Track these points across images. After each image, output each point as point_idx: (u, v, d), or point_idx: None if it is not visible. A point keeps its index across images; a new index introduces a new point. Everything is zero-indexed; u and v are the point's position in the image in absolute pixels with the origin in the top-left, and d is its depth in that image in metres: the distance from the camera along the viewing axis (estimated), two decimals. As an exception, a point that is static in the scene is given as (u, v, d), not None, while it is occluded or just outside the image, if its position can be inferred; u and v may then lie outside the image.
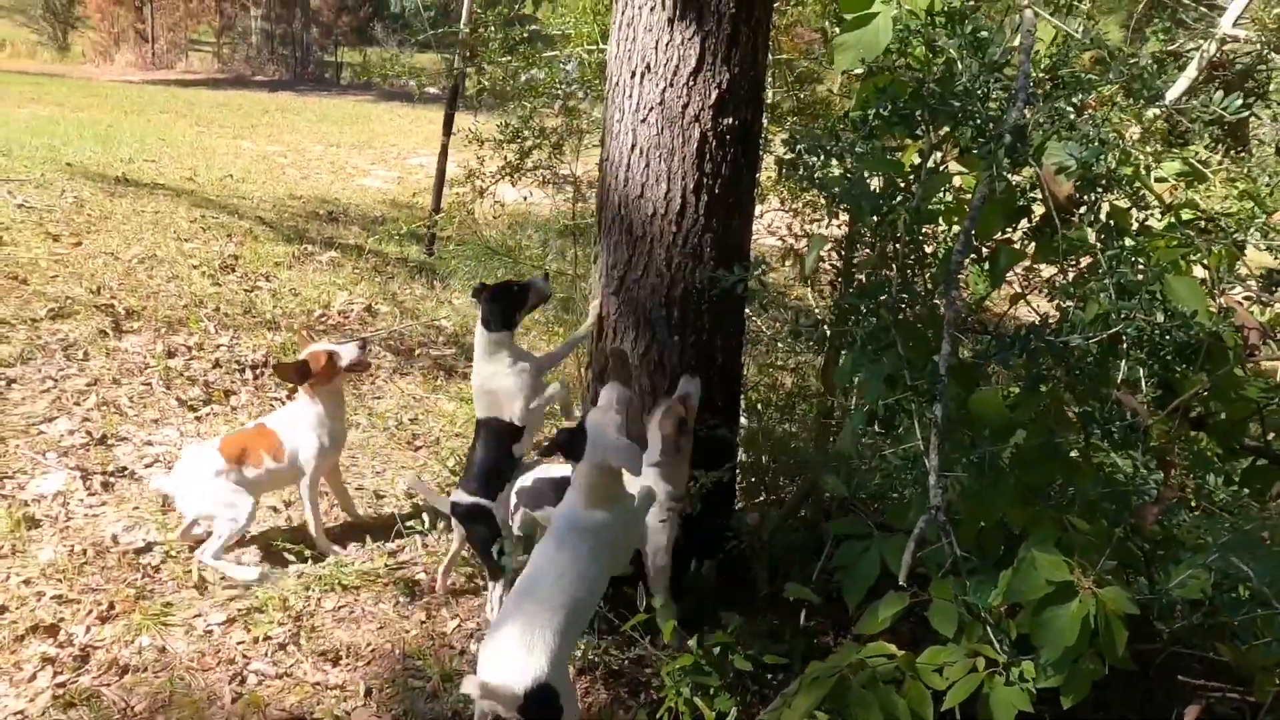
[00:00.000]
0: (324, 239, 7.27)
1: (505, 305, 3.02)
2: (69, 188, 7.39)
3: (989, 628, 2.15)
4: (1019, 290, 2.76)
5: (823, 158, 2.17)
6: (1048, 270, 2.54)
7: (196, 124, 13.60)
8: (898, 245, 2.21)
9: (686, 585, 2.49)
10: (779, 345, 3.97)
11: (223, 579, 3.28)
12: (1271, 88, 3.75)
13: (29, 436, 4.04)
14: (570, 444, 2.38)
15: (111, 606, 3.08)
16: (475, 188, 4.74)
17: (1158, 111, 2.89)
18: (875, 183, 2.38)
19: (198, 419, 4.41)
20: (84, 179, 7.83)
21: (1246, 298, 2.32)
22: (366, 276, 6.59)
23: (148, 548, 3.41)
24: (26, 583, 3.16)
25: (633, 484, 2.55)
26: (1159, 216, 2.64)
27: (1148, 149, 2.83)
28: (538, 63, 4.31)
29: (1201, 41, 3.20)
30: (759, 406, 3.47)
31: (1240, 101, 2.24)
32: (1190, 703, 2.07)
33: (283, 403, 4.66)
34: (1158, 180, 2.77)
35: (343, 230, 7.82)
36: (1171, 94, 3.19)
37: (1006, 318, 3.10)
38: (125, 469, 3.92)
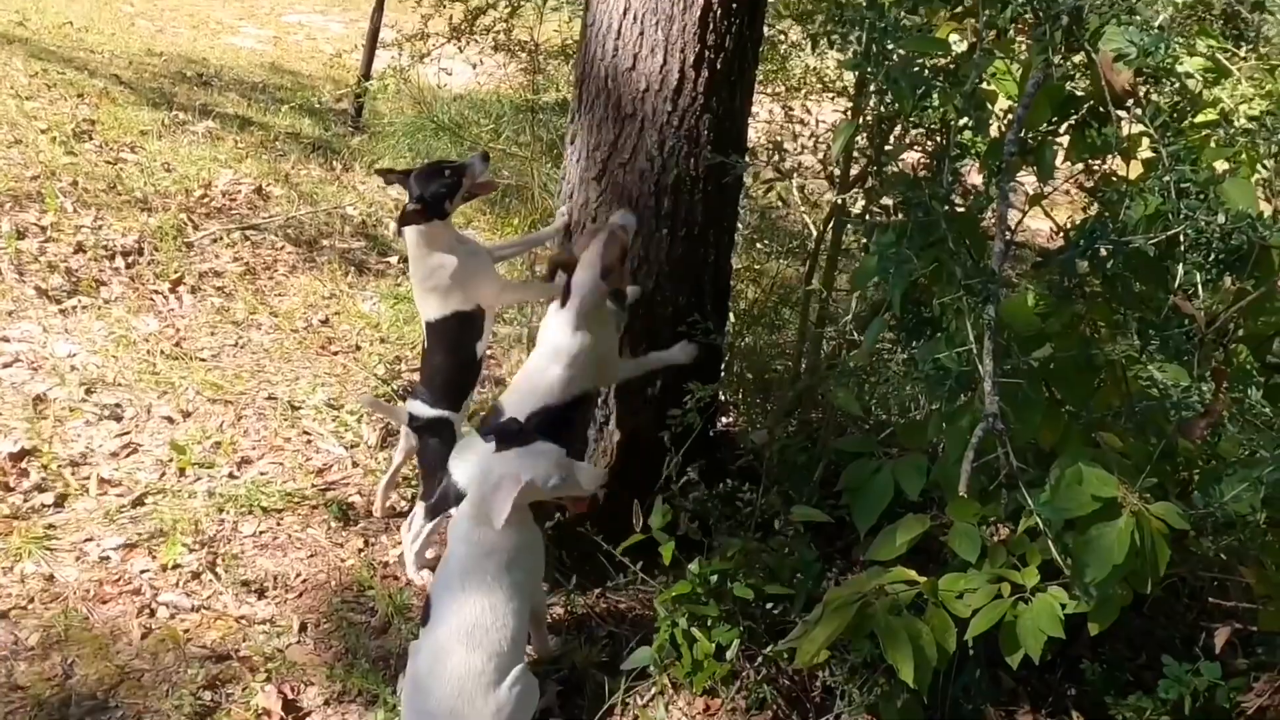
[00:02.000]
0: (196, 106, 6.85)
1: (433, 190, 2.84)
2: None
3: (1015, 553, 2.25)
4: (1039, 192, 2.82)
5: (862, 33, 2.14)
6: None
7: (14, -44, 12.48)
8: (942, 134, 2.22)
9: (686, 508, 2.52)
10: (758, 245, 3.97)
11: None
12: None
13: None
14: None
15: (-16, 528, 2.94)
16: (415, 50, 4.50)
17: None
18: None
19: (62, 312, 4.16)
20: (-116, 16, 7.14)
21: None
22: (252, 153, 6.25)
23: (20, 456, 3.23)
24: (-128, 500, 2.98)
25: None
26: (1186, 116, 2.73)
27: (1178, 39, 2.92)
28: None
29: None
30: (743, 312, 3.49)
31: None
32: (1206, 627, 2.24)
33: (164, 297, 4.45)
34: (1185, 77, 2.86)
35: (218, 97, 7.37)
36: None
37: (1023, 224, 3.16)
38: (-21, 369, 3.69)
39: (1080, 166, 2.55)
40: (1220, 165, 2.37)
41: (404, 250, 5.26)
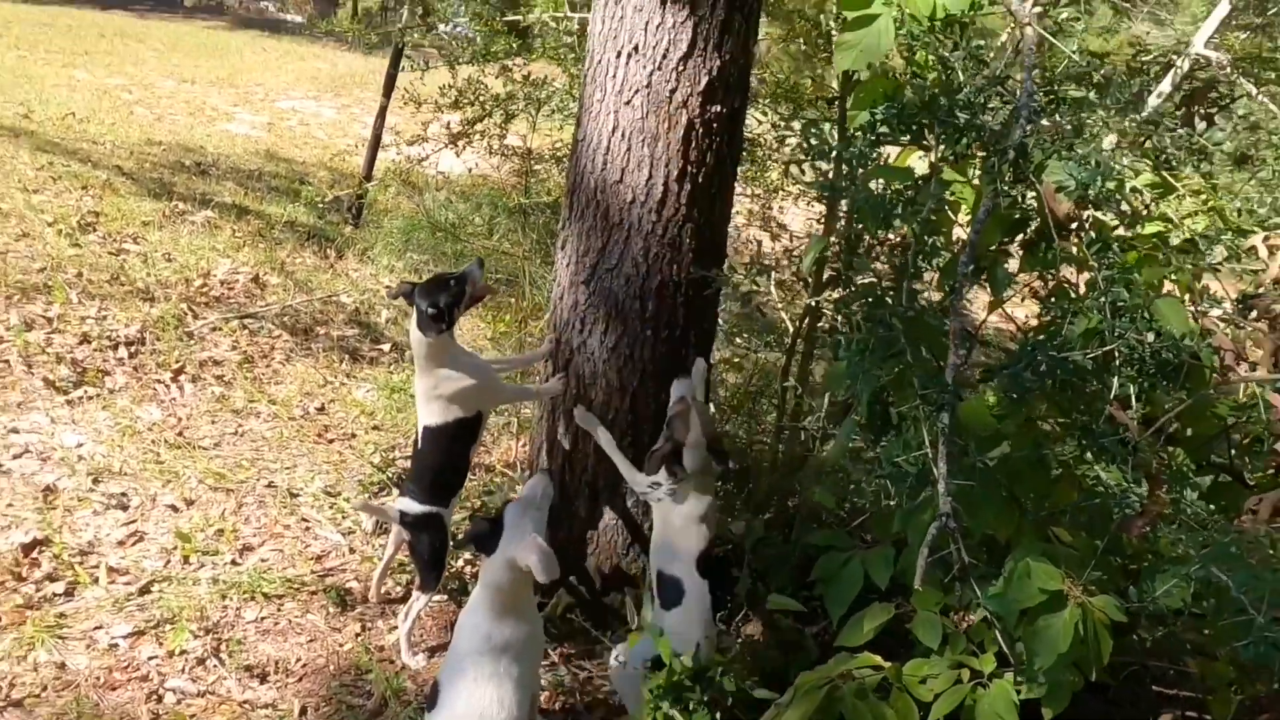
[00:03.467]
0: (196, 195, 7.12)
1: (445, 300, 2.98)
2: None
3: (975, 640, 2.44)
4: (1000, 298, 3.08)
5: (832, 162, 2.41)
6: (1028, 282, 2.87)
7: (16, 47, 12.90)
8: (904, 253, 2.46)
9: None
10: (738, 340, 4.21)
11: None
12: (1236, 106, 4.22)
13: None
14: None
15: (-3, 618, 3.08)
16: (413, 157, 4.79)
17: (1134, 122, 3.27)
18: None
19: (69, 403, 4.34)
20: (-106, 109, 7.43)
21: (1222, 319, 2.68)
22: (249, 241, 6.51)
23: (31, 546, 3.39)
24: (-112, 591, 3.12)
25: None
26: (1134, 228, 3.00)
27: (1125, 160, 3.21)
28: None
29: (1175, 58, 3.60)
30: (723, 401, 3.71)
31: (1216, 130, 2.60)
32: (1161, 712, 2.42)
33: (166, 386, 4.64)
34: (1131, 191, 3.15)
35: (216, 186, 7.66)
36: (1149, 107, 3.58)
37: (985, 325, 3.41)
38: (-11, 460, 3.85)
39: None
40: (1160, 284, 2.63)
41: (396, 338, 5.52)
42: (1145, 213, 2.93)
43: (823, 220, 3.50)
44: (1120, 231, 2.72)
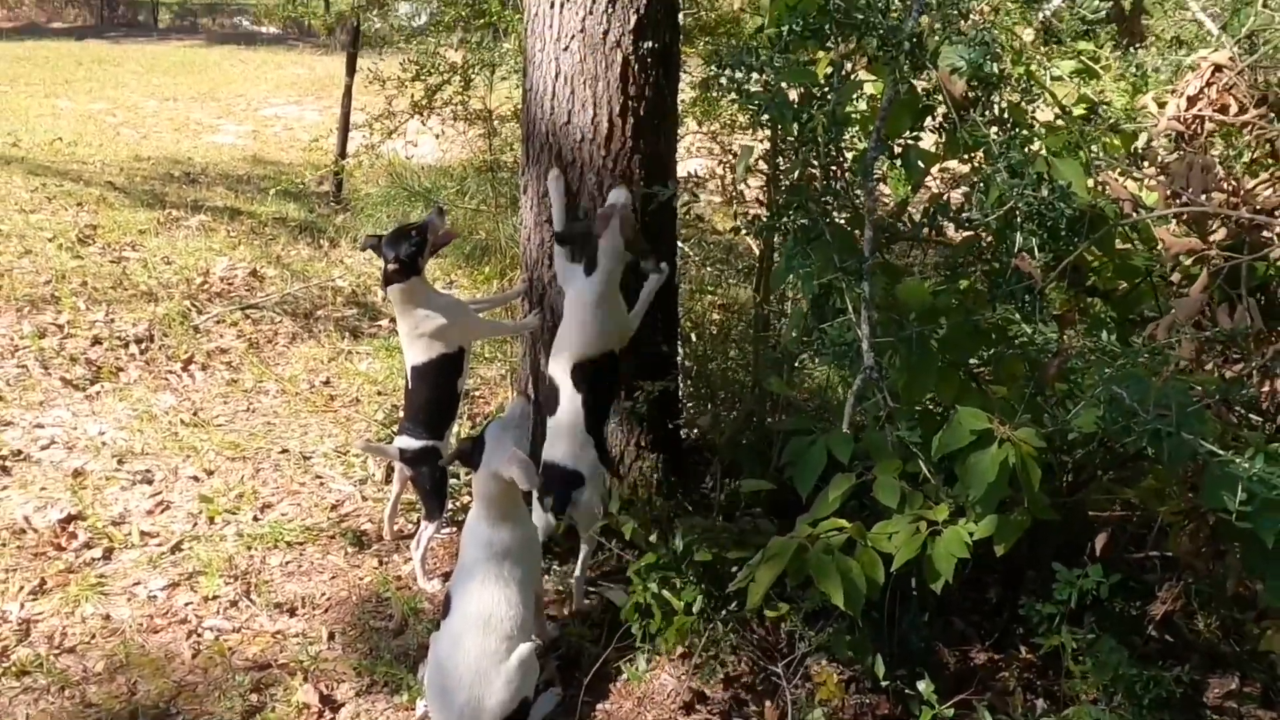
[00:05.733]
0: (188, 203, 7.43)
1: (406, 250, 3.28)
2: (-125, 161, 7.35)
3: (926, 489, 2.71)
4: (937, 192, 3.34)
5: (745, 72, 2.66)
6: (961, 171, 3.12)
7: (-3, 82, 13.24)
8: (819, 150, 2.72)
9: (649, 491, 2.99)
10: (707, 269, 4.48)
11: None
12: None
13: (-98, 427, 4.24)
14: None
15: (43, 582, 3.40)
16: (383, 129, 5.08)
17: (1046, 14, 3.50)
18: (793, 94, 2.90)
19: (88, 398, 4.66)
20: (-111, 150, 7.77)
21: (1121, 173, 2.92)
22: (244, 240, 6.82)
23: (67, 521, 3.71)
24: (-58, 569, 3.44)
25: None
26: (1056, 113, 3.25)
27: (1042, 50, 3.44)
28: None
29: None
30: (692, 336, 3.99)
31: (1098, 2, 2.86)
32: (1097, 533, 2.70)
33: (178, 375, 4.96)
34: (1054, 79, 3.39)
35: (206, 192, 7.97)
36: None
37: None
38: (20, 452, 4.17)
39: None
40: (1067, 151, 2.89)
41: (393, 313, 5.81)
42: (1043, 93, 3.18)
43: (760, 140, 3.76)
44: (1032, 110, 2.97)
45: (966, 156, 2.91)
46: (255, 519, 3.81)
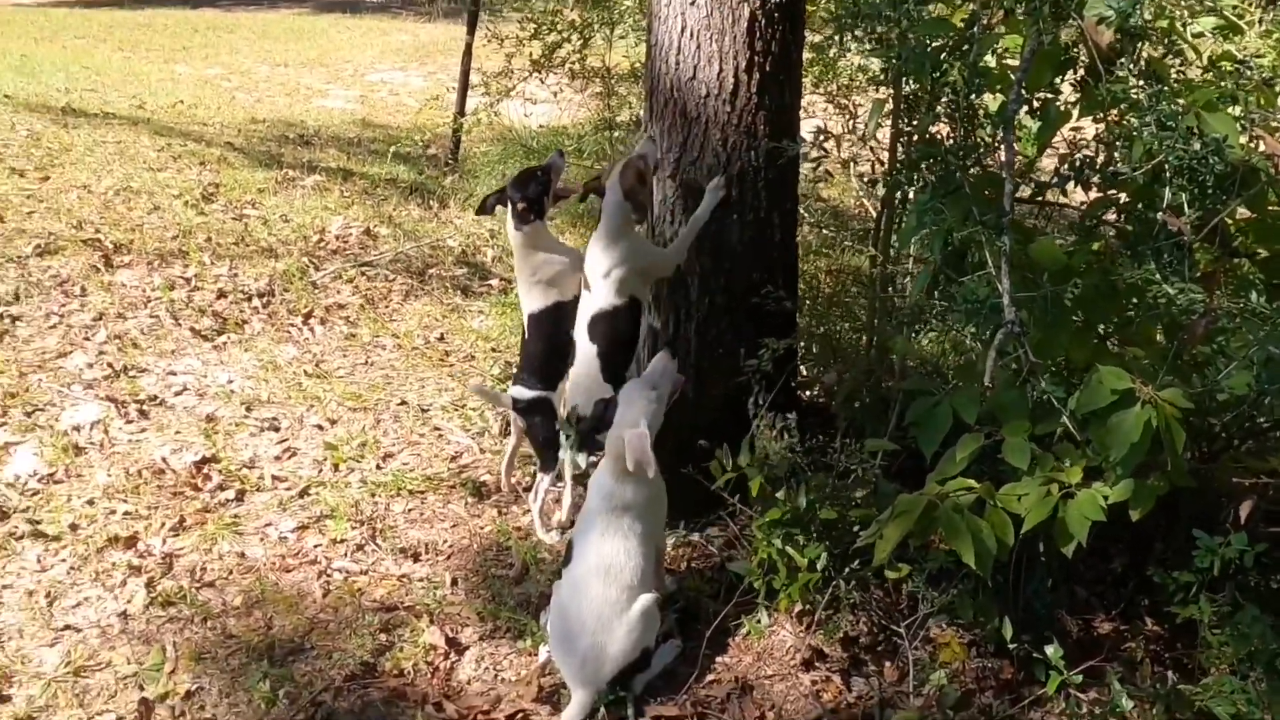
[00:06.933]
0: (303, 163, 7.65)
1: (533, 190, 3.40)
2: (16, 120, 7.72)
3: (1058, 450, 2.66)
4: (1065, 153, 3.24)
5: (886, 24, 2.63)
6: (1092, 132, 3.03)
7: (120, 49, 13.75)
8: (958, 103, 2.68)
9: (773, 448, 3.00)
10: (823, 231, 4.44)
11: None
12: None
13: (48, 371, 4.48)
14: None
15: (182, 520, 3.57)
16: (500, 87, 5.14)
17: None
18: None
19: (215, 348, 4.86)
20: (28, 111, 8.14)
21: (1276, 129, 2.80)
22: (357, 199, 6.99)
23: (202, 463, 3.89)
24: (90, 503, 3.63)
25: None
26: (1199, 69, 3.13)
27: (1183, 3, 3.31)
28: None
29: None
30: (806, 300, 3.96)
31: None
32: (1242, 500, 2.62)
33: (299, 329, 5.13)
34: (1195, 36, 3.26)
35: (319, 154, 8.19)
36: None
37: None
38: (156, 397, 4.38)
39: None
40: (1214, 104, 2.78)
41: (503, 273, 5.92)
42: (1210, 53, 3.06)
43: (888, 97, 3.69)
44: (1177, 66, 2.87)
45: (1101, 115, 2.83)
46: (378, 467, 3.94)
